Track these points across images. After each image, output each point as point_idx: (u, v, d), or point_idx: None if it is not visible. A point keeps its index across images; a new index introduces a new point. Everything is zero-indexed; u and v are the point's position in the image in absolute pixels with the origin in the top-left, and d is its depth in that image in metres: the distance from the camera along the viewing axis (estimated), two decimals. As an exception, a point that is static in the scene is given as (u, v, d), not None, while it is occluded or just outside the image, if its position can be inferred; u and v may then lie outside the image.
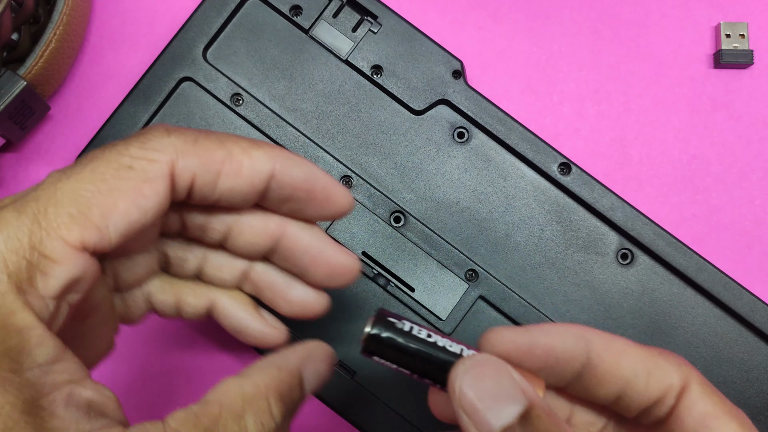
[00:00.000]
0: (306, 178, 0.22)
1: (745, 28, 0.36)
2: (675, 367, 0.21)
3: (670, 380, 0.21)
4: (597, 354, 0.21)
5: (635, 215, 0.33)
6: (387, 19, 0.35)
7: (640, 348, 0.22)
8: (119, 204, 0.19)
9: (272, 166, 0.22)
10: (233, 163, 0.21)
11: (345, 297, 0.34)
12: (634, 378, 0.21)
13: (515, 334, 0.21)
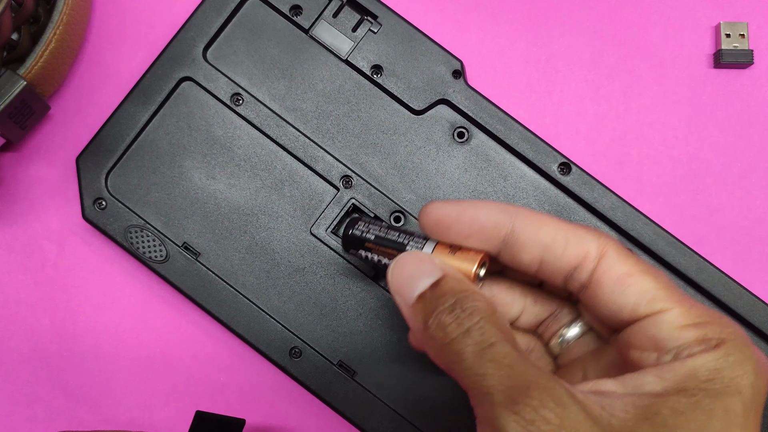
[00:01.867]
0: None
1: (745, 28, 0.36)
2: (592, 237, 0.23)
3: (586, 248, 0.23)
4: (519, 224, 0.24)
5: (635, 215, 0.33)
6: (387, 19, 0.35)
7: (562, 221, 0.24)
8: None
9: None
10: None
11: (345, 297, 0.34)
12: (553, 244, 0.23)
13: (447, 205, 0.25)
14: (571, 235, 0.23)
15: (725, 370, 0.21)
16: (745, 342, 0.22)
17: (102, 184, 0.34)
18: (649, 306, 0.22)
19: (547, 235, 0.23)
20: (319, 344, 0.33)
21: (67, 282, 0.36)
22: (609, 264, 0.23)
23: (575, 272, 0.24)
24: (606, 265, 0.23)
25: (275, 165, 0.34)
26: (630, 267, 0.23)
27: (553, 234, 0.23)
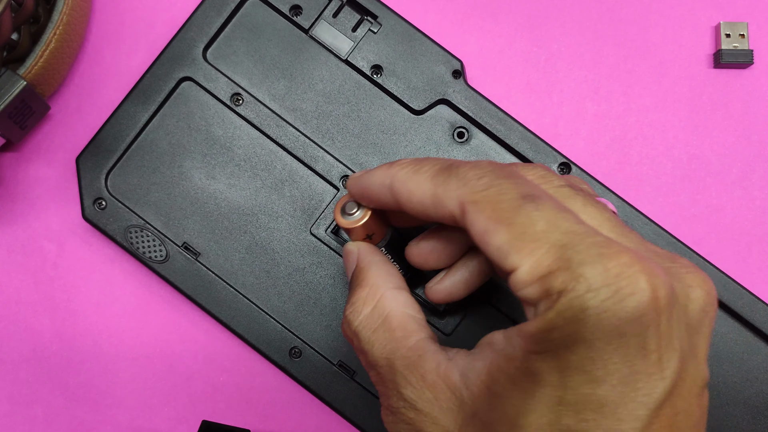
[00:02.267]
0: None
1: (745, 28, 0.36)
2: (452, 194, 0.23)
3: (448, 209, 0.23)
4: (395, 186, 0.25)
5: (635, 215, 0.33)
6: (387, 19, 0.35)
7: (427, 180, 0.24)
8: None
9: None
10: None
11: (345, 297, 0.34)
12: (424, 208, 0.24)
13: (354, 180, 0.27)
14: (435, 198, 0.23)
15: (554, 332, 0.20)
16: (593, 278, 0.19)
17: (102, 184, 0.34)
18: (506, 263, 0.21)
19: (417, 201, 0.24)
20: (319, 344, 0.33)
21: (67, 282, 0.36)
22: (470, 222, 0.22)
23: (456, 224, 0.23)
24: (468, 222, 0.22)
25: (275, 165, 0.34)
26: (486, 220, 0.21)
27: (420, 199, 0.24)
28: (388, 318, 0.25)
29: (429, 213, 0.24)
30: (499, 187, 0.22)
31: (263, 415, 0.36)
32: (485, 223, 0.21)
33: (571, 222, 0.21)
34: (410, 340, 0.24)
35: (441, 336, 0.33)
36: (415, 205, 0.24)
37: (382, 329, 0.25)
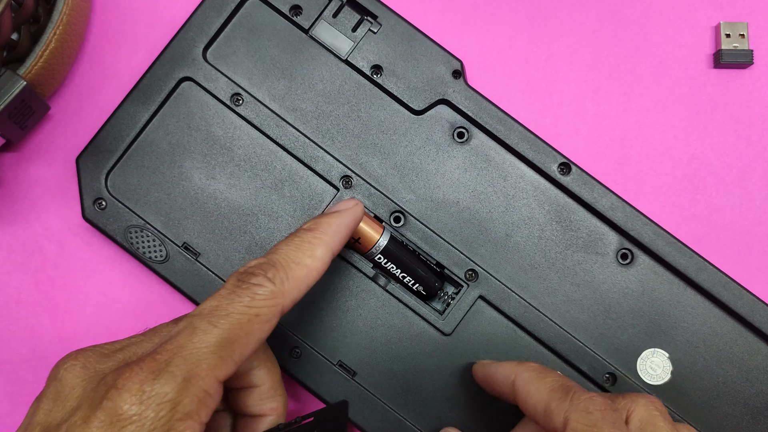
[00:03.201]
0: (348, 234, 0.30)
1: (745, 28, 0.36)
2: (561, 414, 0.26)
3: (554, 423, 0.26)
4: (518, 388, 0.29)
5: (635, 215, 0.33)
6: (387, 19, 0.35)
7: (546, 391, 0.27)
8: (251, 344, 0.25)
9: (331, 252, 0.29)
10: (311, 274, 0.28)
11: (345, 297, 0.34)
12: (535, 412, 0.28)
13: (481, 367, 0.32)
14: (547, 407, 0.27)
15: None
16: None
17: (102, 184, 0.34)
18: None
19: (531, 406, 0.28)
20: (319, 344, 0.33)
21: (67, 282, 0.36)
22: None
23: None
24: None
25: (275, 165, 0.34)
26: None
27: (534, 405, 0.27)
28: None
29: (537, 417, 0.27)
30: (600, 426, 0.25)
31: (263, 415, 0.36)
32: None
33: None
34: None
35: (441, 336, 0.33)
36: (529, 406, 0.28)
37: None
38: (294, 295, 0.27)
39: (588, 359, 0.33)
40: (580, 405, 0.26)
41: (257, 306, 0.26)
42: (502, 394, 0.30)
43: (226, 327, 0.25)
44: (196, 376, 0.24)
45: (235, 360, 0.25)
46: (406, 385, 0.33)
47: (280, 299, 0.26)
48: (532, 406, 0.28)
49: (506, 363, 0.30)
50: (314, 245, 0.28)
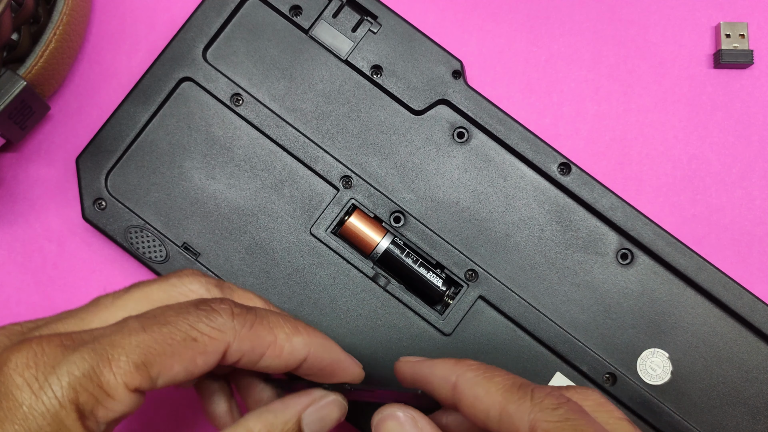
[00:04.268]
0: (332, 362, 0.27)
1: (745, 28, 0.36)
2: (524, 416, 0.23)
3: (517, 428, 0.23)
4: (460, 386, 0.25)
5: (635, 215, 0.33)
6: (387, 19, 0.35)
7: (499, 392, 0.24)
8: (175, 367, 0.23)
9: (307, 352, 0.26)
10: (276, 348, 0.25)
11: (345, 297, 0.34)
12: (487, 418, 0.24)
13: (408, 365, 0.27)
14: (504, 411, 0.23)
15: None
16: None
17: (102, 185, 0.34)
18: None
19: (483, 405, 0.24)
20: (319, 344, 0.33)
21: (67, 282, 0.36)
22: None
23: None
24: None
25: (275, 165, 0.34)
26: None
27: (487, 406, 0.24)
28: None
29: (490, 424, 0.24)
30: (575, 422, 0.22)
31: (263, 415, 0.36)
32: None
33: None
34: None
35: (441, 336, 0.33)
36: (478, 412, 0.24)
37: None
38: (245, 347, 0.24)
39: (588, 359, 0.33)
40: (543, 403, 0.23)
41: (200, 330, 0.24)
42: (438, 398, 0.26)
43: (155, 336, 0.23)
44: (102, 374, 0.22)
45: (151, 376, 0.23)
46: (406, 385, 0.33)
47: (229, 338, 0.24)
48: (483, 411, 0.24)
49: (440, 361, 0.26)
50: (300, 331, 0.26)
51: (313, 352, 0.26)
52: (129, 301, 0.25)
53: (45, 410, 0.21)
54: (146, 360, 0.23)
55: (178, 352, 0.23)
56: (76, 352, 0.22)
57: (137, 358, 0.22)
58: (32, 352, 0.22)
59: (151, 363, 0.23)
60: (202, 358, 0.24)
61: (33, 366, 0.22)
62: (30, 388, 0.22)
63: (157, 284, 0.26)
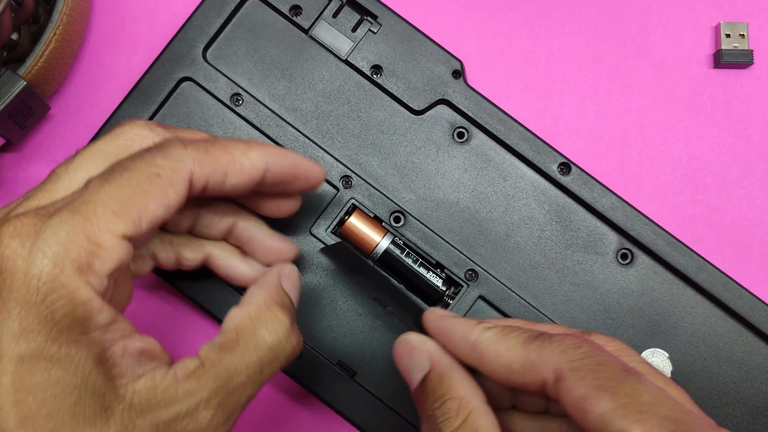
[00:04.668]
0: (291, 166, 0.29)
1: (745, 28, 0.36)
2: (547, 360, 0.23)
3: (542, 375, 0.23)
4: (480, 345, 0.25)
5: (635, 215, 0.33)
6: (387, 19, 0.35)
7: (519, 346, 0.24)
8: (150, 204, 0.24)
9: (266, 162, 0.27)
10: (236, 164, 0.26)
11: (345, 298, 0.34)
12: (509, 372, 0.24)
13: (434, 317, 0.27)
14: (525, 363, 0.23)
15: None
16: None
17: (102, 184, 0.34)
18: (609, 429, 0.21)
19: (503, 366, 0.24)
20: (319, 344, 0.33)
21: (67, 282, 0.36)
22: (567, 387, 0.22)
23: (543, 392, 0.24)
24: (565, 388, 0.22)
25: (275, 165, 0.34)
26: (586, 387, 0.22)
27: (508, 363, 0.24)
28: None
29: (513, 378, 0.24)
30: (598, 357, 0.22)
31: (263, 415, 0.36)
32: (586, 390, 0.22)
33: (674, 402, 0.22)
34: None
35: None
36: (500, 369, 0.24)
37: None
38: (207, 170, 0.25)
39: (588, 359, 0.33)
40: (564, 344, 0.23)
41: (159, 165, 0.24)
42: (457, 355, 0.26)
43: (120, 183, 0.24)
44: (85, 228, 0.23)
45: (133, 218, 0.23)
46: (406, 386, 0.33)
47: (189, 165, 0.25)
48: (504, 366, 0.24)
49: (461, 320, 0.26)
50: (253, 146, 0.27)
51: (271, 161, 0.27)
52: (82, 161, 0.25)
53: (40, 273, 0.22)
54: (121, 206, 0.23)
55: (147, 191, 0.24)
56: (54, 216, 0.23)
57: (112, 206, 0.23)
58: (12, 227, 0.22)
59: (126, 207, 0.23)
60: (172, 189, 0.24)
61: (17, 237, 0.22)
62: (20, 257, 0.22)
63: (103, 139, 0.26)
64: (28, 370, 0.22)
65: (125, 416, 0.23)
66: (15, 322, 0.22)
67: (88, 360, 0.22)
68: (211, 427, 0.24)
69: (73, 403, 0.22)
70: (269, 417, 0.36)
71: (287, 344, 0.26)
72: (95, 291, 0.23)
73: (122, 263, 0.23)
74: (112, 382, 0.23)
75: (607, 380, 0.22)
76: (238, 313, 0.26)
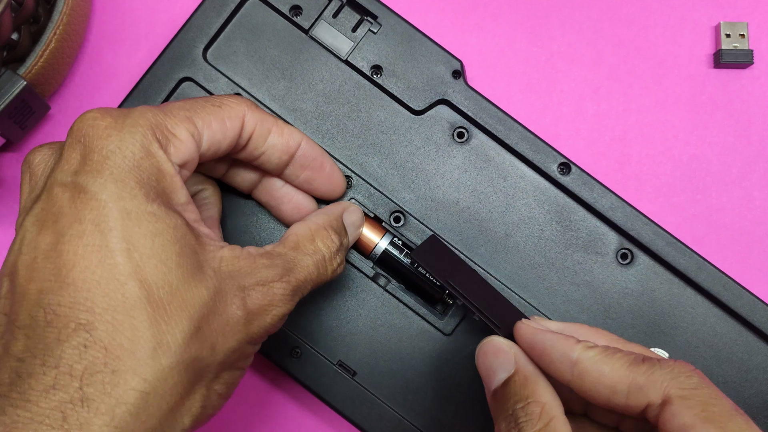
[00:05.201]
0: (319, 155, 0.32)
1: (745, 27, 0.36)
2: (657, 385, 0.23)
3: (648, 398, 0.23)
4: (582, 363, 0.25)
5: (635, 215, 0.33)
6: (387, 19, 0.35)
7: (625, 367, 0.24)
8: (213, 124, 0.28)
9: (301, 138, 0.31)
10: (279, 127, 0.30)
11: (345, 297, 0.34)
12: (614, 395, 0.24)
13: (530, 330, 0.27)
14: (632, 385, 0.24)
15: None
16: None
17: (102, 184, 0.34)
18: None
19: (607, 387, 0.24)
20: (319, 344, 0.34)
21: (67, 282, 0.36)
22: (673, 414, 0.23)
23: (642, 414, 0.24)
24: (670, 414, 0.23)
25: (275, 165, 0.34)
26: (693, 418, 0.22)
27: (614, 382, 0.24)
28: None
29: (616, 399, 0.24)
30: (709, 390, 0.23)
31: (263, 415, 0.36)
32: (692, 420, 0.22)
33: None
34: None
35: (441, 336, 0.33)
36: (603, 389, 0.24)
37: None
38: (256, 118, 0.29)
39: (588, 359, 0.33)
40: (675, 371, 0.23)
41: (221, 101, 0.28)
42: (553, 372, 0.26)
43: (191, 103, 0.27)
44: (165, 120, 0.26)
45: (198, 127, 0.27)
46: (406, 385, 0.33)
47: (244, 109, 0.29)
48: (608, 387, 0.24)
49: (562, 337, 0.26)
50: (291, 125, 0.31)
51: (305, 141, 0.31)
52: None
53: (134, 141, 0.24)
54: (193, 114, 0.27)
55: (211, 112, 0.28)
56: (139, 108, 0.26)
57: (185, 112, 0.27)
58: (99, 113, 0.25)
59: (195, 116, 0.27)
60: (229, 121, 0.28)
61: (108, 116, 0.25)
62: (113, 128, 0.24)
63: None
64: (136, 221, 0.23)
65: (217, 275, 0.25)
66: (114, 185, 0.24)
67: (181, 221, 0.25)
68: (282, 301, 0.27)
69: (178, 253, 0.24)
70: (269, 417, 0.36)
71: (331, 263, 0.29)
72: (175, 169, 0.26)
73: (191, 159, 0.27)
74: (203, 247, 0.25)
75: (717, 415, 0.22)
76: (300, 226, 0.29)
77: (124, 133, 0.24)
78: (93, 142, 0.24)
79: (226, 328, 0.25)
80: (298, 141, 0.31)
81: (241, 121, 0.29)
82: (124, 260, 0.23)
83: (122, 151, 0.24)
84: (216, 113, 0.28)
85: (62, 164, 0.24)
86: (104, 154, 0.24)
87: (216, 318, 0.24)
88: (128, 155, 0.24)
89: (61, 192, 0.24)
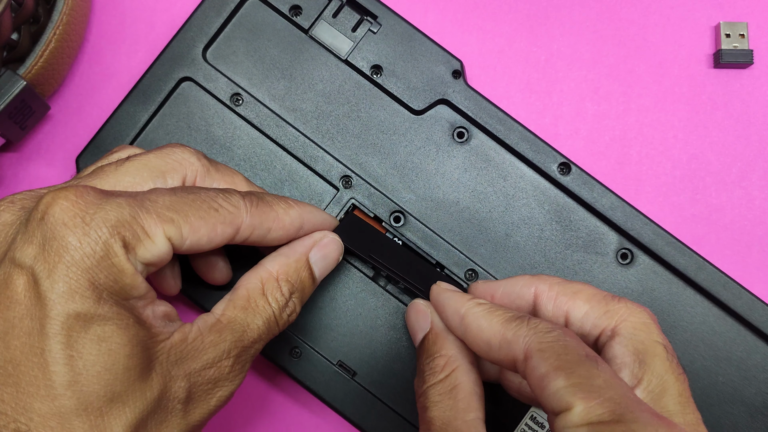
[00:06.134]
0: (320, 222, 0.31)
1: (745, 27, 0.36)
2: (520, 340, 0.25)
3: (514, 352, 0.25)
4: (468, 324, 0.27)
5: (635, 215, 0.33)
6: (387, 19, 0.35)
7: (500, 323, 0.26)
8: (201, 230, 0.26)
9: (302, 219, 0.30)
10: (279, 221, 0.29)
11: (345, 297, 0.34)
12: (488, 347, 0.26)
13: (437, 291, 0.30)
14: (503, 338, 0.25)
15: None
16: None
17: (102, 184, 0.34)
18: (559, 403, 0.23)
19: (485, 335, 0.26)
20: (319, 344, 0.34)
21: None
22: (532, 366, 0.24)
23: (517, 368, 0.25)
24: (530, 367, 0.24)
25: (275, 165, 0.34)
26: (547, 368, 0.23)
27: (489, 336, 0.26)
28: (457, 388, 0.27)
29: (491, 353, 0.26)
30: (565, 342, 0.24)
31: (263, 415, 0.36)
32: (546, 370, 0.23)
33: (625, 388, 0.23)
34: (469, 414, 0.27)
35: (441, 336, 0.34)
36: (481, 342, 0.26)
37: (449, 396, 0.27)
38: (255, 222, 0.28)
39: (588, 359, 0.33)
40: (538, 327, 0.25)
41: (220, 204, 0.27)
42: (448, 326, 0.28)
43: (185, 200, 0.26)
44: (141, 217, 0.25)
45: (182, 232, 0.26)
46: (406, 385, 0.33)
47: (242, 214, 0.28)
48: (485, 341, 0.26)
49: (458, 295, 0.29)
50: (291, 205, 0.30)
51: (305, 219, 0.30)
52: (131, 168, 0.28)
53: (97, 240, 0.24)
54: (178, 216, 0.26)
55: (203, 216, 0.26)
56: (118, 198, 0.25)
57: (171, 213, 0.26)
58: (73, 194, 0.24)
59: (182, 219, 0.26)
60: (222, 227, 0.27)
61: (81, 204, 0.24)
62: (79, 223, 0.24)
63: (153, 153, 0.29)
64: (83, 325, 0.23)
65: (164, 367, 0.25)
66: (64, 284, 0.23)
67: (133, 320, 0.24)
68: (231, 375, 0.27)
69: (128, 355, 0.24)
70: (269, 416, 0.36)
71: (281, 317, 0.29)
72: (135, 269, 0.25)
73: (160, 260, 0.26)
74: (153, 339, 0.25)
75: (567, 362, 0.23)
76: (251, 277, 0.29)
77: (90, 228, 0.24)
78: (56, 230, 0.23)
79: (165, 425, 0.25)
80: (298, 225, 0.30)
81: (237, 228, 0.28)
82: (63, 369, 0.23)
83: (82, 247, 0.23)
84: (209, 218, 0.27)
85: (24, 242, 0.24)
86: (63, 244, 0.23)
87: (155, 416, 0.25)
88: (88, 252, 0.23)
89: (17, 274, 0.23)
